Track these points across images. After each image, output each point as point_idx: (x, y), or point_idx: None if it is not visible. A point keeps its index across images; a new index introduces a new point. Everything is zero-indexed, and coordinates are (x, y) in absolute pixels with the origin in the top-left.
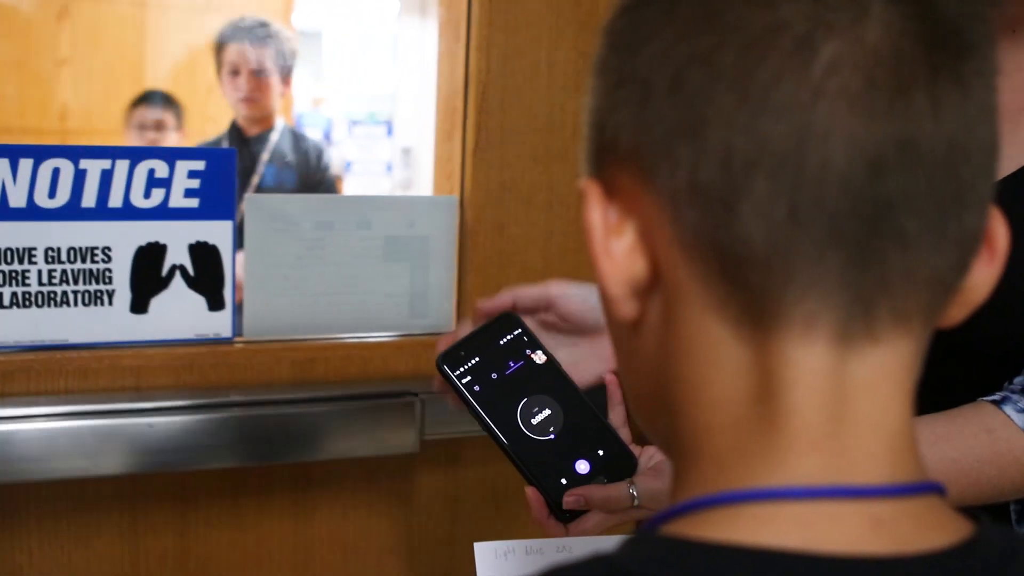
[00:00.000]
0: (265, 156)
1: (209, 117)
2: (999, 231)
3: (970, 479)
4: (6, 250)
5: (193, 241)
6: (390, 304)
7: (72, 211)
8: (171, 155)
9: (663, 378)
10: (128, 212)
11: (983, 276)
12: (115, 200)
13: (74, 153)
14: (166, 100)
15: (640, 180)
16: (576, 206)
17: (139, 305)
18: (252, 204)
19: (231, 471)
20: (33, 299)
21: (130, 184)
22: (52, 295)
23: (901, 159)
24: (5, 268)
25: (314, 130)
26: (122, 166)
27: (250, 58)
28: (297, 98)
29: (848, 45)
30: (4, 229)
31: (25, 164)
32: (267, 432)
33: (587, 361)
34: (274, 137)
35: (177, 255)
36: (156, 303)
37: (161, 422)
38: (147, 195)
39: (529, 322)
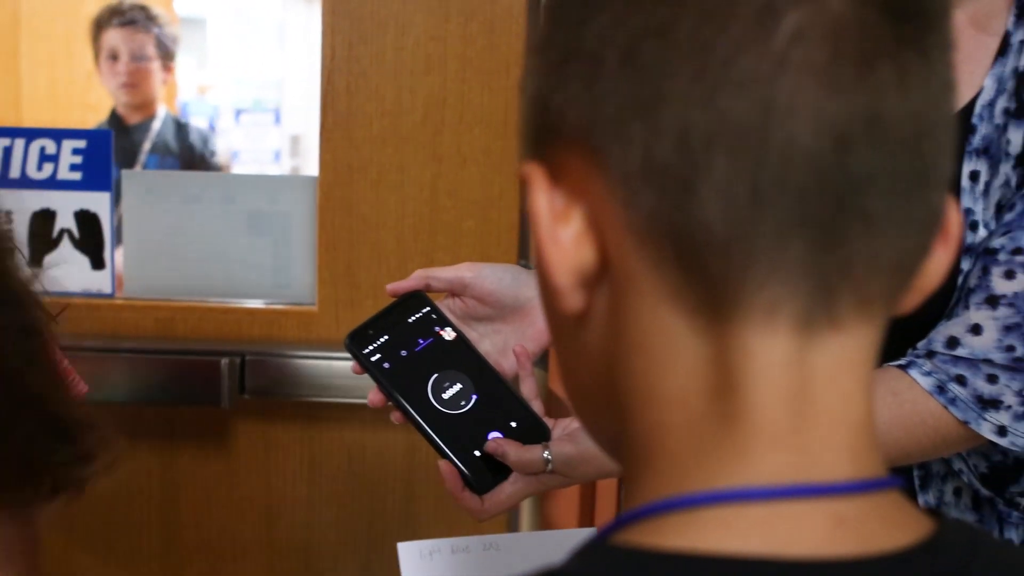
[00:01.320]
0: (147, 145)
1: (90, 106)
2: (952, 214)
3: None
4: None
5: (78, 209)
6: (253, 274)
7: None
8: (58, 135)
9: (611, 374)
10: (24, 182)
11: (937, 260)
12: (14, 172)
13: None
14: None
15: (589, 162)
16: (428, 188)
17: (34, 261)
18: (128, 179)
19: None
20: None
21: (26, 159)
22: None
23: (868, 135)
24: None
25: (200, 118)
26: (19, 143)
27: (129, 43)
28: (182, 86)
29: (812, 14)
30: None
31: None
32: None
33: (514, 345)
34: (156, 125)
35: (65, 220)
36: (48, 261)
37: None
38: (39, 168)
39: (445, 308)
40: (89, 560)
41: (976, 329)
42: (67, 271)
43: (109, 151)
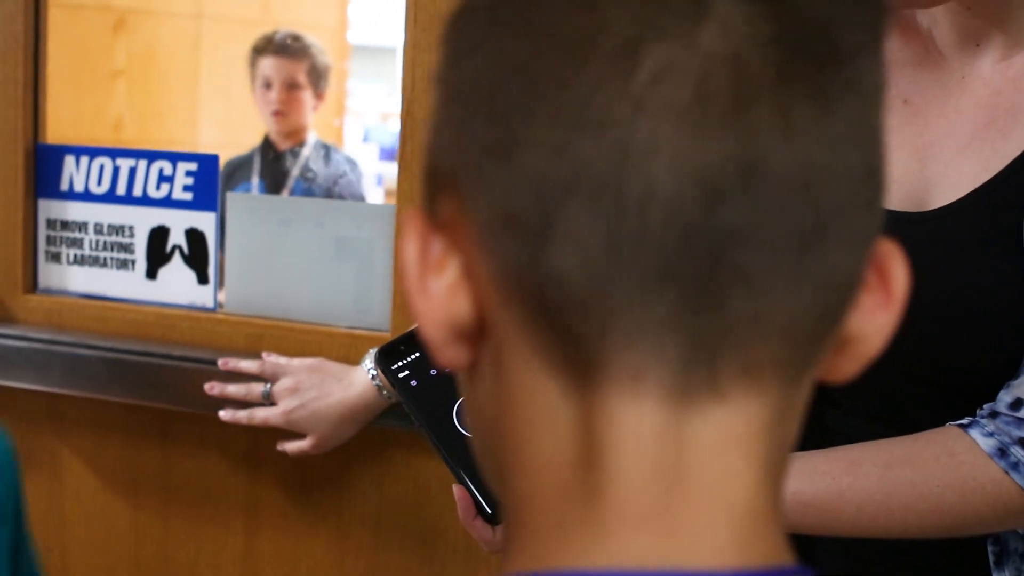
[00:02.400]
0: (295, 171)
1: (260, 130)
2: (896, 272)
3: (930, 504)
4: (71, 222)
5: (188, 227)
6: (338, 297)
7: (111, 196)
8: (174, 157)
9: (494, 435)
10: (146, 200)
11: (877, 323)
12: (137, 190)
13: (112, 153)
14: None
15: (459, 209)
16: None
17: (151, 273)
18: (232, 201)
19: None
20: (86, 260)
21: (147, 179)
22: (97, 258)
23: (743, 184)
24: (70, 235)
25: (375, 145)
26: (142, 164)
27: (282, 72)
28: (366, 112)
29: (678, 50)
30: (67, 207)
31: (83, 160)
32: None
33: None
34: (305, 152)
35: (177, 237)
36: (163, 273)
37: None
38: (158, 187)
39: None
40: (183, 558)
41: None
42: (177, 284)
43: (216, 173)
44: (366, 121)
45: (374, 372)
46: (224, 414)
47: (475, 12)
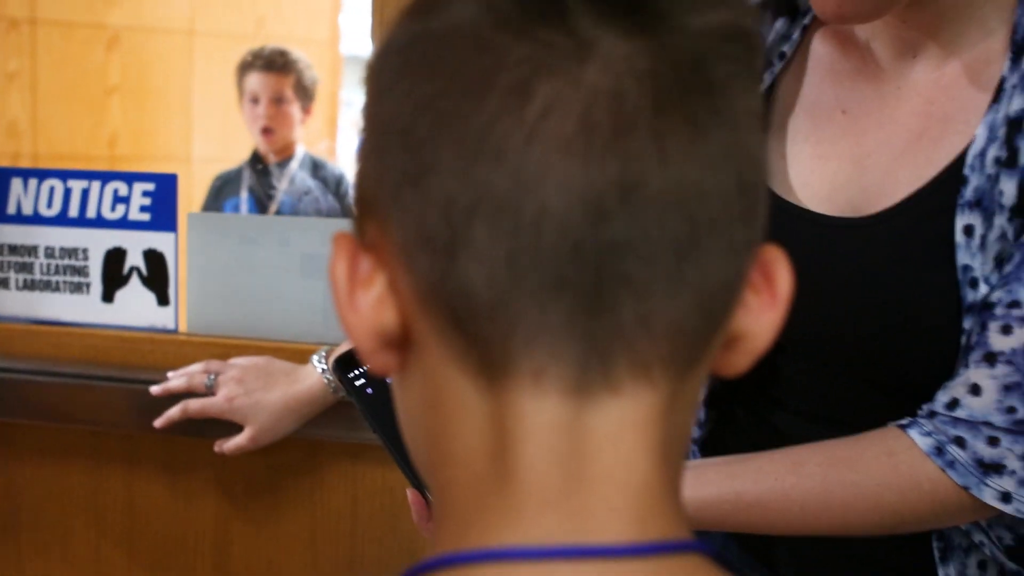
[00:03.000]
0: (283, 185)
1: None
2: (780, 274)
3: (869, 504)
4: (19, 246)
5: (146, 248)
6: (306, 315)
7: (63, 219)
8: (130, 177)
9: (421, 431)
10: (100, 222)
11: (764, 322)
12: (91, 212)
13: (64, 175)
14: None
15: (382, 231)
16: None
17: (108, 296)
18: (192, 220)
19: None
20: (36, 284)
21: (101, 200)
22: (48, 283)
23: (624, 202)
24: (18, 260)
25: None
26: (95, 185)
27: (268, 87)
28: (354, 124)
29: (564, 86)
30: (18, 231)
31: (32, 182)
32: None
33: None
34: (293, 165)
35: (134, 258)
36: (120, 296)
37: (89, 388)
38: (113, 208)
39: None
40: None
41: (975, 389)
42: (136, 307)
43: (174, 193)
44: (353, 134)
45: (328, 375)
46: (158, 421)
47: (391, 55)
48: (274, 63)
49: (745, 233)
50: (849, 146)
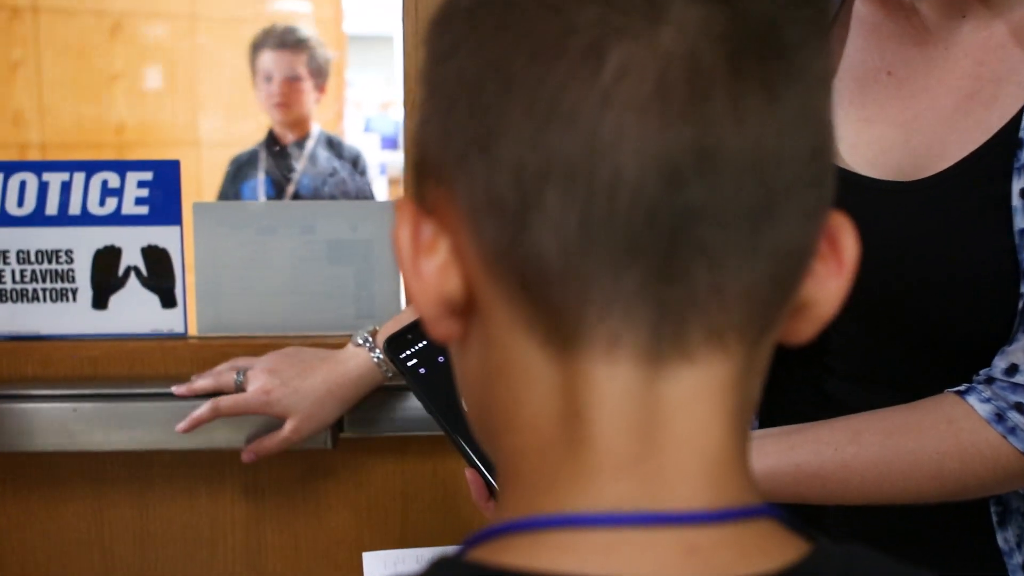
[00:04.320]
0: (301, 164)
1: (262, 125)
2: (846, 241)
3: (930, 472)
4: None
5: (145, 244)
6: (335, 305)
7: (38, 218)
8: (122, 167)
9: (485, 399)
10: (86, 219)
11: (830, 289)
12: (74, 208)
13: (36, 167)
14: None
15: (446, 196)
16: None
17: (99, 302)
18: (199, 211)
19: (187, 453)
20: (8, 295)
21: (87, 194)
22: (24, 292)
23: (700, 168)
24: None
25: (376, 135)
26: (79, 178)
27: (282, 64)
28: (364, 102)
29: (639, 49)
30: None
31: None
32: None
33: None
34: (309, 144)
35: (131, 257)
36: (115, 300)
37: (94, 407)
38: (102, 203)
39: None
40: None
41: None
42: (136, 311)
43: (177, 182)
44: (366, 111)
45: (378, 355)
46: (183, 424)
47: (456, 14)
48: (287, 41)
49: (818, 199)
50: (896, 109)
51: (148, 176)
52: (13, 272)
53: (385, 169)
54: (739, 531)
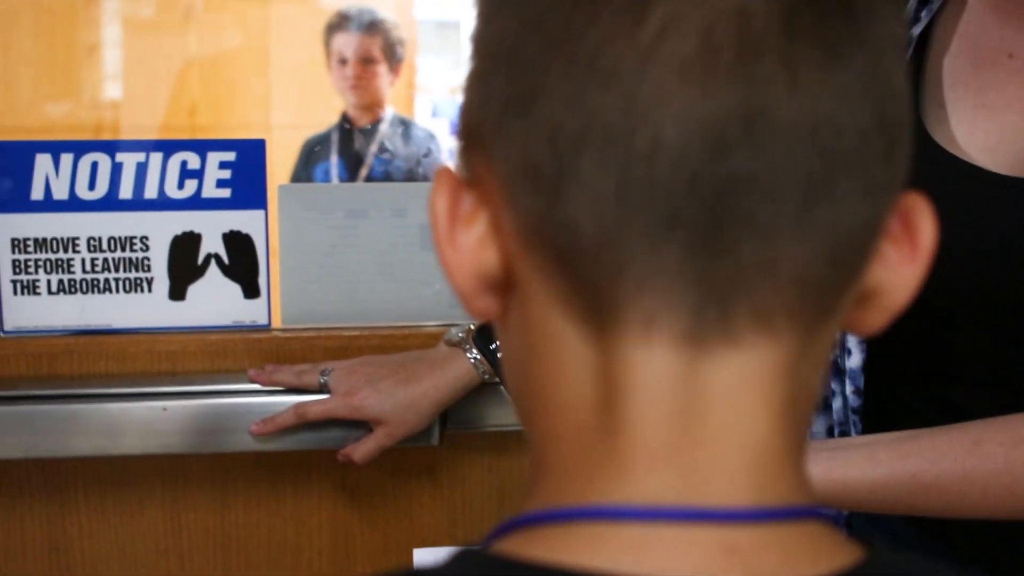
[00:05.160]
0: (374, 147)
1: (335, 109)
2: (923, 225)
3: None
4: (52, 239)
5: (227, 230)
6: (428, 293)
7: (111, 202)
8: (202, 147)
9: (522, 379)
10: (163, 203)
11: (903, 276)
12: (150, 191)
13: (111, 147)
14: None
15: (486, 163)
16: None
17: (177, 292)
18: (284, 193)
19: (272, 454)
20: (77, 286)
21: (164, 176)
22: (95, 282)
23: (748, 133)
24: (51, 256)
25: (445, 120)
26: (156, 159)
27: (356, 47)
28: (433, 87)
29: (684, 4)
30: (49, 220)
31: (66, 159)
32: None
33: None
34: (383, 127)
35: (212, 244)
36: (193, 291)
37: (180, 405)
38: (180, 186)
39: None
40: None
41: None
42: (215, 302)
43: (262, 163)
44: (435, 96)
45: (474, 353)
46: (259, 425)
47: None
48: (361, 23)
49: (885, 174)
50: (1018, 95)
51: (230, 156)
52: (84, 261)
53: (453, 154)
54: (784, 532)
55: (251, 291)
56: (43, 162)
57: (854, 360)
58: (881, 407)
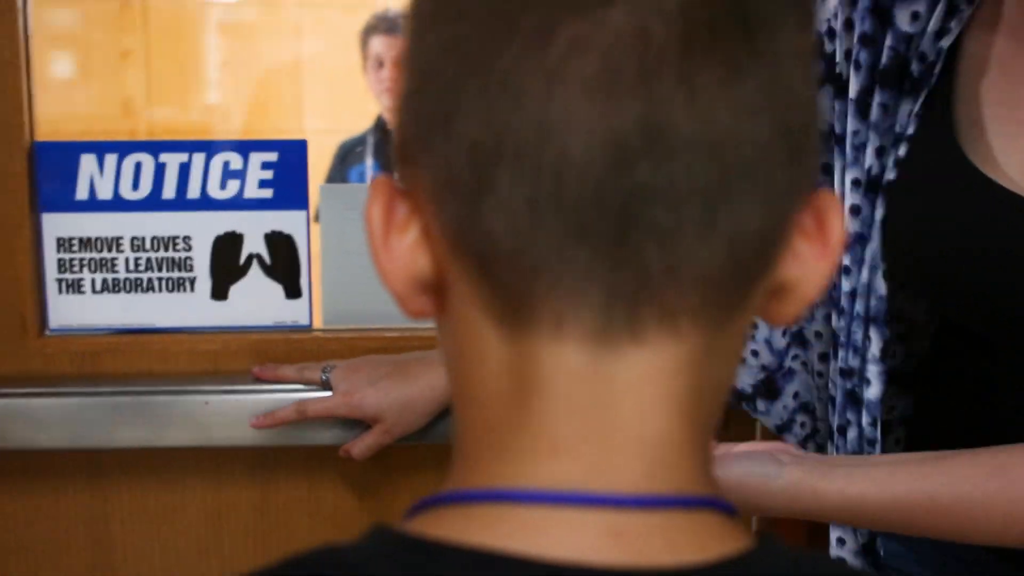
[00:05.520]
0: None
1: (369, 113)
2: (833, 221)
3: None
4: (96, 239)
5: (269, 231)
6: None
7: (154, 202)
8: (245, 147)
9: (451, 373)
10: (205, 203)
11: (815, 270)
12: (193, 192)
13: (154, 148)
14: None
15: (416, 175)
16: None
17: (219, 292)
18: (327, 193)
19: (311, 449)
20: (121, 285)
21: (207, 176)
22: (138, 281)
23: (650, 147)
24: (95, 256)
25: None
26: (198, 159)
27: (393, 50)
28: None
29: (588, 27)
30: (93, 220)
31: (110, 159)
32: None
33: None
34: None
35: (254, 244)
36: (235, 290)
37: (221, 400)
38: (223, 186)
39: None
40: None
41: None
42: (258, 302)
43: (304, 163)
44: None
45: None
46: (259, 419)
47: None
48: (398, 26)
49: (788, 179)
50: (1010, 110)
51: (273, 157)
52: (127, 260)
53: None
54: (673, 519)
55: (292, 291)
56: (88, 162)
57: (872, 391)
58: (922, 431)
